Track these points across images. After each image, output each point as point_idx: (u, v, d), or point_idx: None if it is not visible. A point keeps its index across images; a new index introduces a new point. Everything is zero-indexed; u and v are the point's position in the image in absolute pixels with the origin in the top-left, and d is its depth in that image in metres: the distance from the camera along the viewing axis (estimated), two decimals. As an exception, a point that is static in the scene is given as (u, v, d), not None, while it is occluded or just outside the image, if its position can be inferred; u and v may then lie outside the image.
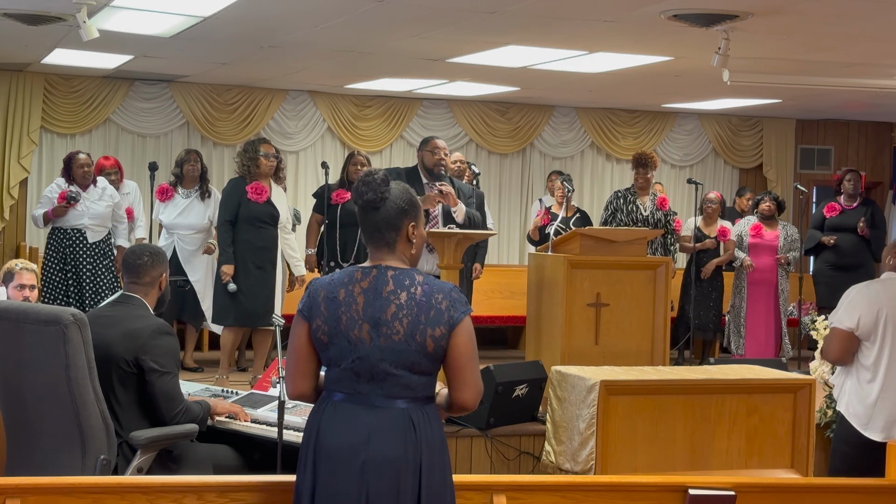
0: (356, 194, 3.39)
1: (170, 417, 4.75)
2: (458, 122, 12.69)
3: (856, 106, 12.39)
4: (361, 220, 3.43)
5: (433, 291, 3.36)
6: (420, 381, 3.36)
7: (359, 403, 3.34)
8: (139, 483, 3.52)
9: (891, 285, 5.03)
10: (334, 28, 7.81)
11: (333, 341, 3.34)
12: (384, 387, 3.33)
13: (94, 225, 8.29)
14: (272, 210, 7.91)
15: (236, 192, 7.90)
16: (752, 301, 9.83)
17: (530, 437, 6.79)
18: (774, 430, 6.35)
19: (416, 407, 3.35)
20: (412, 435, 3.32)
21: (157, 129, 11.73)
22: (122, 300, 4.91)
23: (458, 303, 3.36)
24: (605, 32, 7.62)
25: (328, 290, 3.37)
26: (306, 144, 12.29)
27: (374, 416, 3.31)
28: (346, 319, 3.33)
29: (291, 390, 3.46)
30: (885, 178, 14.21)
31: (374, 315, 3.32)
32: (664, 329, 7.49)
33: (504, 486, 3.69)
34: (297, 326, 3.42)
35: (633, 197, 9.10)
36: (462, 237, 7.25)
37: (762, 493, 3.89)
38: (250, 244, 7.86)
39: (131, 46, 9.11)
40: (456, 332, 3.34)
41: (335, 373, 3.37)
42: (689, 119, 13.51)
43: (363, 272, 3.39)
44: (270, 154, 7.92)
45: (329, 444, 3.32)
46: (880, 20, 6.93)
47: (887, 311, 4.95)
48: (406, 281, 3.36)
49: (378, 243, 3.41)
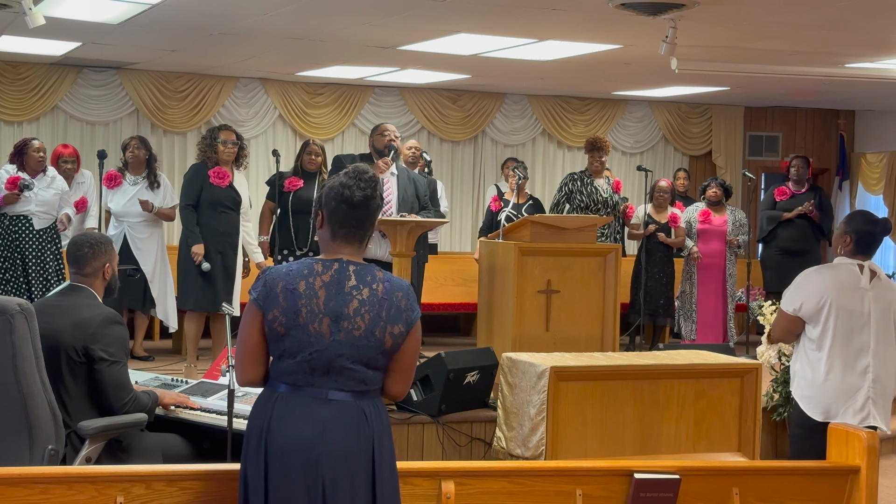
0: (350, 191, 3.36)
1: (118, 406, 4.74)
2: (409, 109, 12.69)
3: (803, 93, 12.54)
4: (344, 216, 3.37)
5: (394, 289, 3.39)
6: (373, 375, 3.38)
7: (311, 396, 3.33)
8: (87, 473, 3.51)
9: (841, 271, 5.11)
10: (284, 15, 7.77)
11: (290, 333, 3.32)
12: (339, 380, 3.33)
13: (41, 212, 8.20)
14: (234, 195, 7.89)
15: (198, 177, 7.88)
16: (702, 286, 9.94)
17: (482, 424, 6.82)
18: (722, 415, 6.45)
19: (367, 400, 3.38)
20: (365, 427, 3.34)
21: (106, 116, 11.62)
22: (71, 290, 4.87)
23: (414, 302, 3.43)
24: (555, 20, 7.66)
25: (287, 281, 3.34)
26: (258, 132, 12.24)
27: (327, 409, 3.32)
28: (306, 312, 3.31)
29: (242, 378, 3.43)
30: (832, 164, 14.40)
31: (335, 309, 3.32)
32: (614, 315, 7.55)
33: (452, 473, 3.71)
34: (249, 314, 3.37)
35: (590, 179, 9.14)
36: (414, 225, 7.27)
37: (706, 476, 3.95)
38: (212, 229, 7.84)
39: (79, 33, 9.02)
40: (413, 331, 3.40)
41: (288, 364, 3.34)
42: (639, 106, 13.60)
43: (324, 265, 3.38)
44: (229, 141, 7.89)
45: (283, 438, 3.30)
46: (826, 9, 7.01)
47: (833, 297, 5.03)
48: (368, 277, 3.38)
49: (351, 238, 3.41)
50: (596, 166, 9.18)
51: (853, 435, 4.01)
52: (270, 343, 3.37)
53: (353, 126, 12.51)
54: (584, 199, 9.00)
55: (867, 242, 5.14)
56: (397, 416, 6.47)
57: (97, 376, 4.71)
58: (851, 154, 14.34)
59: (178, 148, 11.85)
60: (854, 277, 5.08)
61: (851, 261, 5.13)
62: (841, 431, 4.09)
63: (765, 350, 7.41)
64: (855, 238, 5.13)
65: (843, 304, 5.02)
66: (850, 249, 5.14)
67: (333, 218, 3.39)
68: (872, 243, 5.16)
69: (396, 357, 3.41)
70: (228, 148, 7.87)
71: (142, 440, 4.87)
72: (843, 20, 7.43)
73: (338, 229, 3.40)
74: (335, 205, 3.38)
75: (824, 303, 5.02)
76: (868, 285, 5.07)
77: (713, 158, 13.91)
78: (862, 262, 5.13)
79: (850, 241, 5.14)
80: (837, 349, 5.04)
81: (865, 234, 5.12)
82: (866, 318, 5.05)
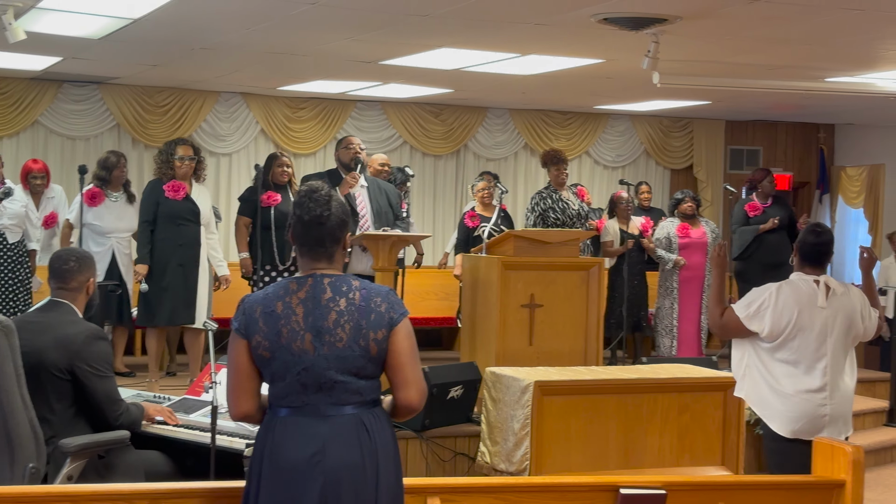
0: (301, 210, 3.38)
1: (113, 419, 4.77)
2: (391, 123, 12.68)
3: (783, 107, 12.60)
4: (302, 234, 3.40)
5: (371, 295, 3.37)
6: (367, 384, 3.37)
7: (309, 415, 3.32)
8: (67, 492, 3.48)
9: (800, 288, 5.07)
10: (266, 30, 7.76)
11: (276, 356, 3.31)
12: (332, 395, 3.32)
13: (13, 225, 8.13)
14: (192, 206, 7.85)
15: (154, 193, 7.89)
16: (683, 300, 9.92)
17: (465, 439, 6.81)
18: (705, 428, 6.45)
19: (365, 410, 3.36)
20: (367, 439, 3.32)
21: (86, 131, 11.57)
22: (51, 306, 4.85)
23: (397, 304, 3.40)
24: (537, 35, 7.67)
25: (264, 305, 3.34)
26: (239, 147, 12.21)
27: (326, 425, 3.30)
28: (287, 332, 3.31)
29: (235, 411, 3.40)
30: (812, 178, 14.47)
31: (315, 324, 3.32)
32: (597, 329, 7.55)
33: (438, 489, 3.69)
34: (234, 345, 3.37)
35: (558, 194, 9.10)
36: (396, 239, 7.27)
37: (692, 492, 3.94)
38: (171, 242, 7.80)
39: (60, 48, 8.98)
40: (395, 332, 3.36)
41: (280, 387, 3.33)
42: (620, 120, 13.63)
43: (298, 283, 3.38)
44: (186, 157, 7.87)
45: (285, 459, 3.29)
46: (806, 24, 7.05)
47: (793, 316, 4.99)
48: (343, 287, 3.37)
49: (318, 255, 3.41)
50: (562, 179, 9.15)
51: (838, 449, 4.01)
52: (262, 369, 3.36)
53: (335, 140, 12.45)
54: (560, 216, 8.97)
55: (811, 254, 5.11)
56: (381, 432, 6.44)
57: (88, 392, 4.71)
58: (831, 168, 14.41)
59: (159, 163, 11.79)
60: (812, 295, 5.04)
61: (808, 277, 5.10)
62: (826, 445, 4.09)
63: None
64: (799, 250, 5.13)
65: (802, 323, 4.99)
66: (797, 261, 5.15)
67: (295, 237, 3.43)
68: (818, 255, 5.11)
69: (389, 362, 3.38)
70: (185, 164, 7.86)
71: (124, 457, 4.83)
72: (823, 35, 7.47)
73: (302, 247, 3.43)
74: (293, 224, 3.43)
75: (787, 324, 5.00)
76: (825, 303, 5.04)
77: (694, 172, 13.95)
78: (817, 276, 5.10)
79: (796, 252, 5.16)
80: (799, 368, 5.02)
81: (807, 246, 5.11)
82: (824, 335, 5.01)
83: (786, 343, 5.03)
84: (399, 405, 3.43)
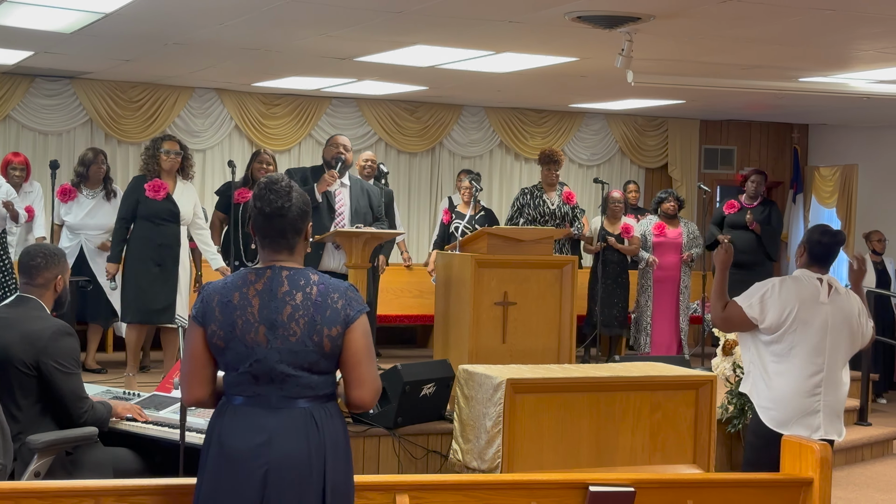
0: (262, 202, 3.37)
1: (77, 416, 4.72)
2: (367, 120, 12.66)
3: (757, 107, 12.65)
4: (262, 226, 3.39)
5: (329, 291, 3.36)
6: (320, 380, 3.36)
7: (259, 406, 3.32)
8: (34, 488, 3.46)
9: (803, 284, 5.14)
10: (239, 25, 7.73)
11: (230, 346, 3.31)
12: (284, 388, 3.32)
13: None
14: (171, 207, 7.81)
15: (135, 191, 7.84)
16: (657, 299, 9.98)
17: (438, 436, 6.81)
18: (677, 426, 6.47)
19: (317, 405, 3.35)
20: (315, 433, 3.31)
21: (59, 126, 11.48)
22: (19, 302, 4.81)
23: (355, 301, 3.38)
24: (511, 33, 7.67)
25: (222, 295, 3.34)
26: (213, 143, 12.15)
27: (274, 417, 3.30)
28: (241, 323, 3.30)
29: (188, 397, 3.42)
30: (786, 177, 14.53)
31: (269, 317, 3.31)
32: (570, 327, 7.57)
33: (407, 486, 3.69)
34: (191, 332, 3.38)
35: (541, 193, 9.22)
36: (370, 236, 7.24)
37: (661, 489, 3.96)
38: (149, 241, 7.77)
39: (31, 42, 8.91)
40: (351, 329, 3.35)
41: (233, 377, 3.34)
42: (595, 119, 13.65)
43: (257, 274, 3.37)
44: (172, 151, 7.83)
45: (231, 447, 3.29)
46: (780, 24, 7.08)
47: (795, 310, 5.05)
48: (301, 281, 3.36)
49: (279, 247, 3.41)
50: (552, 179, 9.22)
51: (806, 447, 4.04)
52: (217, 357, 3.37)
53: (310, 137, 12.45)
54: (532, 213, 9.09)
55: (819, 254, 5.20)
56: (353, 429, 6.43)
57: (54, 389, 4.67)
58: (805, 167, 14.48)
59: (132, 158, 11.70)
60: (815, 291, 5.12)
61: (812, 273, 5.17)
62: (794, 444, 4.11)
63: (720, 362, 7.46)
64: (808, 248, 5.20)
65: (804, 317, 5.06)
66: (804, 260, 5.22)
67: (256, 229, 3.43)
68: (825, 255, 5.22)
69: (343, 359, 3.36)
70: (171, 157, 7.82)
71: (92, 454, 4.80)
72: (797, 35, 7.50)
73: (262, 238, 3.42)
74: (254, 216, 3.42)
75: (787, 316, 5.05)
76: (827, 299, 5.12)
77: (669, 171, 13.99)
78: (821, 275, 5.17)
79: (804, 251, 5.21)
80: (795, 362, 5.08)
81: (818, 245, 5.19)
82: (824, 331, 5.09)
83: (785, 336, 5.07)
84: (351, 403, 3.41)
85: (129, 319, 7.92)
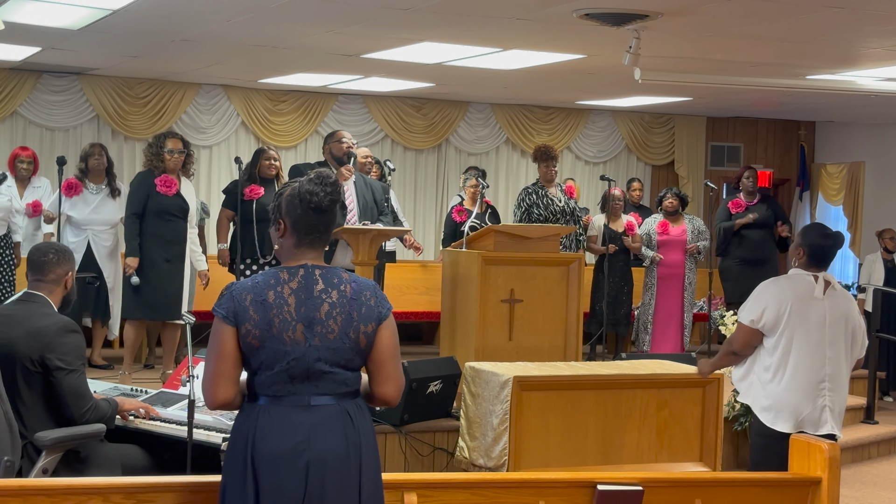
0: (316, 197, 3.33)
1: (78, 415, 4.68)
2: (373, 117, 12.66)
3: (764, 104, 12.63)
4: (310, 222, 3.35)
5: (361, 289, 3.39)
6: (352, 376, 3.38)
7: (293, 405, 3.30)
8: (42, 485, 3.45)
9: (797, 282, 5.15)
10: (247, 22, 7.73)
11: (266, 345, 3.27)
12: (319, 385, 3.31)
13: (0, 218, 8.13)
14: (182, 203, 7.82)
15: (144, 185, 7.82)
16: (661, 296, 9.96)
17: (444, 434, 6.81)
18: (684, 424, 6.46)
19: (349, 401, 3.37)
20: (352, 429, 3.32)
21: (66, 122, 11.50)
22: (26, 298, 4.81)
23: (383, 299, 3.43)
24: (518, 30, 7.66)
25: (255, 294, 3.30)
26: (220, 139, 12.16)
27: (310, 415, 3.29)
28: (278, 322, 3.28)
29: (214, 398, 3.31)
30: (793, 175, 14.51)
31: (307, 315, 3.30)
32: (577, 324, 7.56)
33: (415, 484, 3.69)
34: (220, 332, 3.30)
35: (544, 190, 9.14)
36: (377, 233, 7.24)
37: (669, 488, 3.95)
38: (159, 237, 7.77)
39: (39, 38, 8.92)
40: (383, 326, 3.39)
41: (267, 376, 3.30)
42: (602, 116, 13.64)
43: (289, 272, 3.35)
44: (175, 150, 7.84)
45: (267, 448, 3.26)
46: (787, 21, 7.06)
47: (790, 307, 5.06)
48: (335, 279, 3.37)
49: (314, 243, 3.40)
50: (552, 175, 9.17)
51: (815, 447, 4.02)
52: (249, 357, 3.31)
53: (317, 134, 12.45)
54: (542, 212, 8.98)
55: (820, 256, 5.18)
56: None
57: (55, 386, 4.65)
58: (812, 165, 14.46)
59: (139, 155, 11.65)
60: (809, 288, 5.11)
61: (806, 272, 5.17)
62: (802, 443, 4.10)
63: (726, 360, 7.43)
64: (808, 252, 5.17)
65: (799, 314, 5.06)
66: (803, 262, 5.19)
67: (299, 225, 3.37)
68: (825, 257, 5.21)
69: (372, 356, 3.39)
70: (175, 157, 7.82)
71: (100, 451, 4.80)
72: (804, 33, 7.49)
73: (304, 236, 3.38)
74: (301, 212, 3.36)
75: (783, 313, 5.06)
76: (822, 295, 5.11)
77: (675, 168, 13.98)
78: (816, 273, 5.16)
79: (804, 254, 5.19)
80: (794, 359, 5.07)
81: (818, 248, 5.17)
82: (822, 327, 5.09)
83: (784, 334, 5.07)
84: (377, 399, 3.44)
85: (135, 316, 7.92)
